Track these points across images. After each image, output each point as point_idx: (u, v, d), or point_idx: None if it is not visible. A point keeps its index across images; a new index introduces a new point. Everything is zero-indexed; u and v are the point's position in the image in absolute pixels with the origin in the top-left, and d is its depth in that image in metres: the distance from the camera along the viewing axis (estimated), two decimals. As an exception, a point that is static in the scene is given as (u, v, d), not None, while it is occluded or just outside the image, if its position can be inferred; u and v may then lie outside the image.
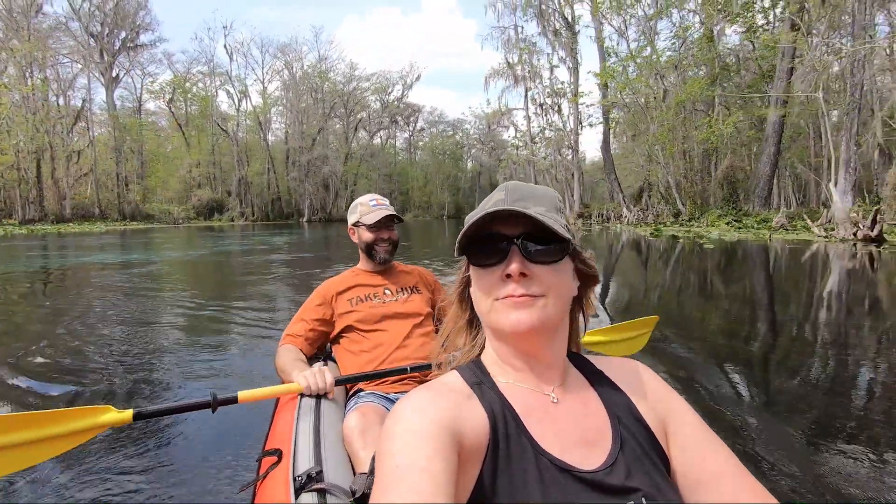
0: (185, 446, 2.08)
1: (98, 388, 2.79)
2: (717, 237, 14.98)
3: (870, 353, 3.36)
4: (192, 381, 2.92)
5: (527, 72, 30.01)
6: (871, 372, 3.00)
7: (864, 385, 2.83)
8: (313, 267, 9.83)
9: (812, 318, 4.65)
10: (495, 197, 0.65)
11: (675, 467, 0.61)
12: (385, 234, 1.75)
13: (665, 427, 0.64)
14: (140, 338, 3.97)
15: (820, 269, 8.50)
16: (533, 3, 27.42)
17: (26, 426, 1.11)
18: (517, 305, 0.60)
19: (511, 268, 0.60)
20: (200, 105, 47.41)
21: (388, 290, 1.75)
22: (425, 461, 0.50)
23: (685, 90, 23.59)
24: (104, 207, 39.26)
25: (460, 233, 0.63)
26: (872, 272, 7.64)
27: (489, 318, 0.63)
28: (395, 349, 1.58)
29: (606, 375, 0.68)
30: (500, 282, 0.62)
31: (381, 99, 54.31)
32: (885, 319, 4.52)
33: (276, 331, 3.97)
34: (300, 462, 1.09)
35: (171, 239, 19.69)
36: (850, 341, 3.66)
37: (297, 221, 44.24)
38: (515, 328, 0.60)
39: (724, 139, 23.71)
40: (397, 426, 0.55)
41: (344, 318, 1.69)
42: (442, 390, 0.61)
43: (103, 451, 2.01)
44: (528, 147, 32.27)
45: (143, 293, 6.21)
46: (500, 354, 0.66)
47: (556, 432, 0.60)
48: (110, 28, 45.02)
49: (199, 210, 43.36)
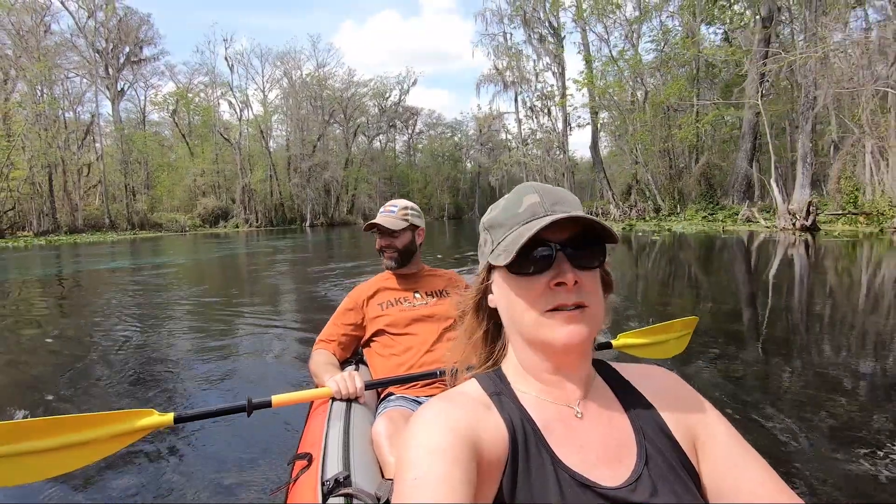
0: (220, 449, 2.20)
1: (137, 393, 3.02)
2: (679, 230, 16.71)
3: (759, 315, 5.17)
4: (228, 385, 3.13)
5: (516, 77, 31.80)
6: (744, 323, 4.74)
7: (737, 333, 4.58)
8: (318, 264, 11.34)
9: (708, 288, 6.47)
10: (529, 200, 0.63)
11: (706, 483, 0.58)
12: (385, 242, 1.79)
13: (694, 440, 0.61)
14: (175, 342, 4.37)
15: (741, 252, 10.35)
16: (519, 12, 29.30)
17: (74, 429, 1.16)
18: (571, 319, 0.58)
19: (566, 276, 0.58)
20: (203, 115, 49.47)
21: (418, 294, 1.79)
22: (444, 472, 0.50)
23: (665, 91, 25.29)
24: (113, 217, 41.39)
25: (506, 241, 0.61)
26: (778, 253, 9.61)
27: (535, 332, 0.60)
28: (424, 353, 1.62)
29: (632, 385, 0.66)
30: (548, 291, 0.59)
31: (380, 104, 56.25)
32: (757, 284, 6.42)
33: (298, 332, 4.46)
34: (329, 466, 1.11)
35: (181, 246, 21.38)
36: (738, 302, 5.41)
37: (301, 226, 45.95)
38: (568, 343, 0.58)
39: (703, 138, 25.39)
40: (415, 436, 0.54)
41: (375, 322, 1.74)
42: (461, 400, 0.60)
43: (141, 452, 2.16)
44: (520, 149, 34.06)
45: (170, 298, 6.93)
46: (529, 366, 0.64)
47: (578, 447, 0.59)
48: (114, 44, 47.31)
49: (205, 218, 45.37)
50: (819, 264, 8.06)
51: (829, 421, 2.32)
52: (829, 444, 2.08)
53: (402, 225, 1.77)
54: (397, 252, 1.78)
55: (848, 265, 7.91)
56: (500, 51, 32.07)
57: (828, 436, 2.17)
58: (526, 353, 0.64)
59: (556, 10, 29.24)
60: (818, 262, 8.26)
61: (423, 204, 62.74)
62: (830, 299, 5.37)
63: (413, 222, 1.79)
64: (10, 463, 1.09)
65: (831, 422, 2.32)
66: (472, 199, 65.14)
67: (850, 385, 2.80)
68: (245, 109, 49.33)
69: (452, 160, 64.09)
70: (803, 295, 5.73)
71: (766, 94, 21.07)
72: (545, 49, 29.31)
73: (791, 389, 2.79)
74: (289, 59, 50.53)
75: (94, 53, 45.03)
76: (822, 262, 8.24)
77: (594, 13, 27.50)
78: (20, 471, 1.11)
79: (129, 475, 2.00)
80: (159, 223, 42.60)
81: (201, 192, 47.70)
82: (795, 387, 2.83)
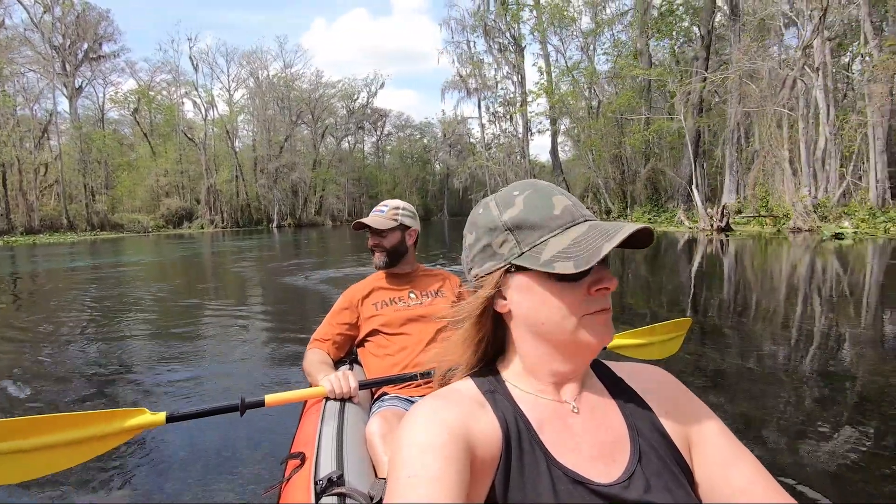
0: (213, 448, 2.20)
1: (123, 394, 3.06)
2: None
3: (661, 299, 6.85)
4: (219, 384, 3.19)
5: (479, 83, 33.52)
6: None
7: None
8: (285, 261, 12.48)
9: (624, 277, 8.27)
10: (562, 203, 0.62)
11: (699, 481, 0.60)
12: (374, 241, 1.82)
13: (688, 437, 0.62)
14: (158, 342, 4.46)
15: (664, 250, 12.22)
16: (480, 22, 31.05)
17: (64, 427, 1.17)
18: (609, 322, 0.60)
19: (611, 282, 0.59)
20: (166, 114, 49.00)
21: (413, 294, 1.82)
22: (437, 471, 0.50)
23: (615, 102, 27.44)
24: (72, 218, 40.82)
25: (557, 245, 0.59)
26: (691, 249, 11.55)
27: (574, 335, 0.60)
28: (419, 353, 1.64)
29: (626, 382, 0.67)
30: (588, 295, 0.59)
31: (348, 106, 57.08)
32: (660, 273, 8.09)
33: (283, 331, 4.64)
34: (322, 466, 1.12)
35: (145, 246, 21.79)
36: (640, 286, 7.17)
37: (268, 227, 46.18)
38: (604, 343, 0.60)
39: (650, 145, 27.64)
40: (408, 436, 0.55)
41: (369, 321, 1.76)
42: (455, 398, 0.61)
43: (132, 452, 2.15)
44: (483, 153, 35.82)
45: (139, 296, 7.17)
46: (538, 367, 0.64)
47: (572, 444, 0.60)
48: (72, 39, 46.51)
49: (169, 218, 45.17)
50: (717, 257, 10.08)
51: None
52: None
53: (390, 224, 1.80)
54: (385, 251, 1.82)
55: (743, 257, 9.93)
56: (464, 58, 33.76)
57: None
58: (541, 355, 0.63)
59: (516, 21, 31.10)
60: (718, 256, 10.25)
61: (393, 205, 63.59)
62: (723, 283, 7.15)
63: (403, 222, 1.83)
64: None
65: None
66: (441, 201, 66.67)
67: (733, 343, 4.30)
68: (210, 109, 49.29)
69: (421, 162, 65.37)
70: (698, 280, 7.48)
71: (708, 108, 23.43)
72: (505, 59, 31.14)
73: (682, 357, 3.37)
74: (255, 59, 50.84)
75: (51, 49, 44.25)
76: (721, 256, 10.23)
77: (550, 25, 29.48)
78: (8, 470, 1.11)
79: (120, 475, 2.02)
80: (120, 224, 42.23)
81: (164, 192, 47.33)
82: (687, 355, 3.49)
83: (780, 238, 13.05)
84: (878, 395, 2.73)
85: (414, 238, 1.88)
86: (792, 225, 13.91)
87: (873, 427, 2.32)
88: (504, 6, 30.81)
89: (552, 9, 28.83)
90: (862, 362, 3.33)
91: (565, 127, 32.92)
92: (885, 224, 12.50)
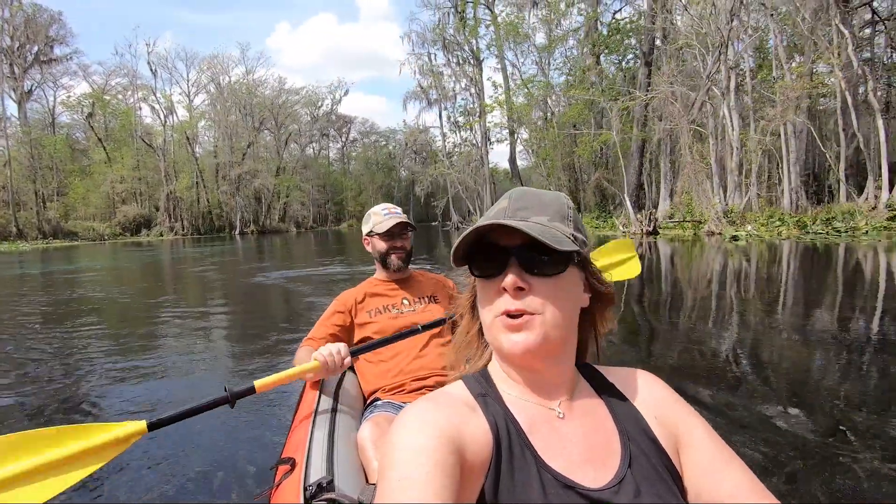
0: (201, 453, 2.20)
1: (89, 406, 2.94)
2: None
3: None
4: (205, 380, 3.22)
5: (439, 94, 35.21)
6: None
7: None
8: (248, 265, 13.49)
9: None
10: (500, 205, 0.66)
11: (688, 485, 0.61)
12: (398, 243, 1.85)
13: (676, 441, 0.63)
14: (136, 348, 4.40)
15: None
16: (439, 37, 32.82)
17: (29, 449, 1.03)
18: (513, 328, 0.60)
19: (506, 281, 0.60)
20: (122, 119, 48.24)
21: (406, 301, 1.84)
22: (426, 475, 0.50)
23: (566, 114, 29.56)
24: (22, 226, 39.87)
25: (455, 244, 0.63)
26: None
27: (489, 334, 0.64)
28: (412, 359, 1.68)
29: (617, 388, 0.68)
30: (497, 296, 0.61)
31: (311, 113, 57.72)
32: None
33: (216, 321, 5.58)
34: (313, 471, 1.13)
35: (102, 254, 21.97)
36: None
37: (230, 234, 46.14)
38: (512, 349, 0.61)
39: (598, 155, 29.90)
40: (399, 438, 0.55)
41: (363, 328, 1.80)
42: (445, 401, 0.62)
43: (118, 460, 2.07)
44: (444, 161, 37.48)
45: (104, 302, 7.32)
46: (504, 368, 0.66)
47: (562, 448, 0.60)
48: (21, 42, 45.48)
49: (126, 226, 44.60)
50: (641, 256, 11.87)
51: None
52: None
53: (393, 222, 1.84)
54: (405, 253, 1.86)
55: (663, 255, 11.68)
56: (425, 70, 35.36)
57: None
58: (496, 355, 0.67)
59: (473, 36, 32.98)
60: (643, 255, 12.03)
61: (358, 211, 64.59)
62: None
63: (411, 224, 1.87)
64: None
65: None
66: (407, 207, 67.77)
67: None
68: (170, 115, 48.97)
69: (386, 168, 66.50)
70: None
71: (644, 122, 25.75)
72: (463, 71, 32.99)
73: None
74: (216, 64, 50.89)
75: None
76: (646, 254, 12.03)
77: (506, 41, 31.48)
78: None
79: (100, 481, 1.98)
80: (75, 232, 41.49)
81: (121, 199, 46.65)
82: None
83: (697, 240, 15.05)
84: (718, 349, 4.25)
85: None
86: (707, 229, 16.00)
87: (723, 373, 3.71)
88: (462, 22, 32.69)
89: (507, 26, 30.83)
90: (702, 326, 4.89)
91: (525, 136, 35.03)
92: (778, 227, 14.67)
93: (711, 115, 17.35)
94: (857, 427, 2.36)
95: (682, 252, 12.32)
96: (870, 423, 2.40)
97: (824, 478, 1.92)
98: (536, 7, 30.38)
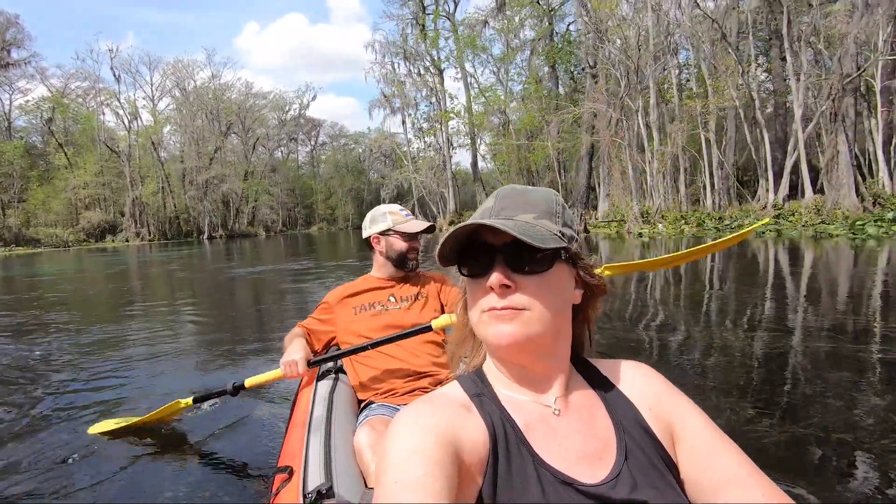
0: (198, 463, 2.27)
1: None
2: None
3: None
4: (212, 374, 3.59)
5: (402, 103, 37.48)
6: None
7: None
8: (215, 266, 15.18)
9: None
10: (486, 205, 0.67)
11: (685, 475, 0.61)
12: (417, 245, 1.92)
13: (672, 432, 0.64)
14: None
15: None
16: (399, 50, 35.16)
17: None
18: (499, 319, 0.61)
19: (491, 279, 0.61)
20: (83, 123, 48.11)
21: (393, 298, 1.89)
22: (424, 477, 0.51)
23: (521, 121, 32.20)
24: (-21, 233, 40.01)
25: (440, 244, 0.64)
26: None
27: (477, 329, 0.65)
28: (404, 360, 1.73)
29: (612, 382, 0.69)
30: (485, 293, 0.62)
31: (279, 117, 58.91)
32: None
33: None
34: (311, 478, 1.15)
35: (65, 260, 22.88)
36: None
37: (198, 239, 46.74)
38: (497, 341, 0.61)
39: (551, 159, 32.61)
40: (395, 441, 0.56)
41: (347, 325, 1.87)
42: (441, 402, 0.62)
43: (113, 460, 2.29)
44: (409, 166, 39.76)
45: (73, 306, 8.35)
46: (496, 366, 0.68)
47: (559, 445, 0.61)
48: (-24, 46, 45.43)
49: (90, 232, 44.99)
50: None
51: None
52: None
53: (424, 225, 1.93)
54: (417, 252, 1.93)
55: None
56: (389, 78, 37.54)
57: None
58: (488, 353, 0.69)
59: (434, 47, 35.38)
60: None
61: (328, 214, 66.01)
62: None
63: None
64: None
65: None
66: (376, 210, 69.61)
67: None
68: (135, 120, 49.42)
69: (356, 171, 68.02)
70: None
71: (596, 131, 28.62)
72: (424, 81, 35.36)
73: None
74: (181, 69, 51.63)
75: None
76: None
77: (464, 53, 33.98)
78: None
79: (108, 482, 2.09)
80: (37, 238, 41.78)
81: (84, 205, 46.89)
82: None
83: (619, 237, 17.66)
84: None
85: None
86: (627, 227, 18.72)
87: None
88: (423, 33, 35.03)
89: (465, 39, 33.33)
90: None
91: (487, 141, 37.57)
92: (681, 226, 17.44)
93: (627, 129, 20.28)
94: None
95: (601, 246, 14.80)
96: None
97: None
98: (494, 19, 32.98)
